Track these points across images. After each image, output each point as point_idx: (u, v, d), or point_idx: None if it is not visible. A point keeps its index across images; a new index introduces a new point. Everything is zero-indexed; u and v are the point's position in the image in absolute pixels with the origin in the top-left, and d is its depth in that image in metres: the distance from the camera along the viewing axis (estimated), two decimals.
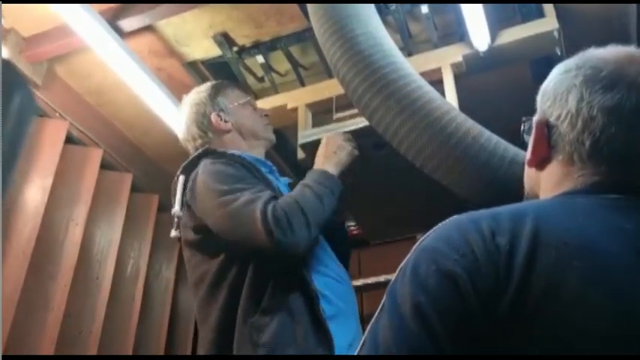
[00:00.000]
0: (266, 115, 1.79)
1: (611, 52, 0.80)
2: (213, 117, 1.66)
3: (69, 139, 2.38)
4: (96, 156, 2.46)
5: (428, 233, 0.73)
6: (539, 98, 0.86)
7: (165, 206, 2.88)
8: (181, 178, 1.55)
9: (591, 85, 0.77)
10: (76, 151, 2.40)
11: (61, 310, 2.10)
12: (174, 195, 1.55)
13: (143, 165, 2.80)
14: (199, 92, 1.73)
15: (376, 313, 0.69)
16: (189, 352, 2.78)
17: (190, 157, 1.60)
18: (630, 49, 0.80)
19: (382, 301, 0.70)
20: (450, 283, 0.64)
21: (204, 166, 1.47)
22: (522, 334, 0.61)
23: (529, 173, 0.88)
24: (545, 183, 0.82)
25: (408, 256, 0.72)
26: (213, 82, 1.81)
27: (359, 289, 2.57)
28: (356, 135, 1.78)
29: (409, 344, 0.63)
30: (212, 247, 1.40)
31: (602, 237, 0.66)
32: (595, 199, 0.73)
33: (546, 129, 0.81)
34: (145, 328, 2.58)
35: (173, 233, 1.52)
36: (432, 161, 1.50)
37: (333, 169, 1.56)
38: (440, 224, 0.73)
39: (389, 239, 2.56)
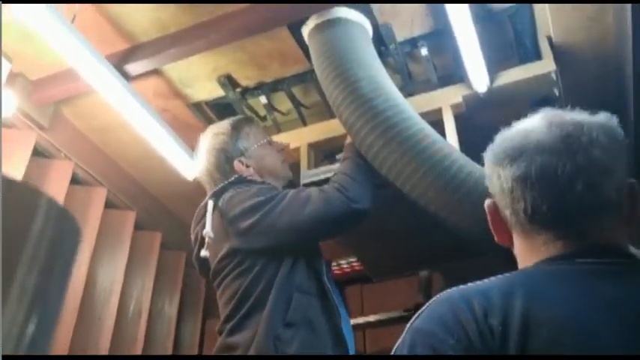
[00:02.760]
0: (282, 150, 1.84)
1: (520, 125, 0.83)
2: (236, 163, 1.70)
3: (74, 179, 2.40)
4: (100, 195, 2.47)
5: (420, 311, 0.75)
6: None
7: (167, 244, 2.89)
8: (210, 203, 1.61)
9: (500, 161, 0.81)
10: (81, 191, 2.42)
11: (64, 352, 2.09)
12: (200, 219, 1.63)
13: (146, 203, 2.81)
14: (220, 134, 1.73)
15: None
16: None
17: (222, 184, 1.66)
18: (547, 114, 0.83)
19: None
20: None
21: (247, 190, 1.58)
22: None
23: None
24: (520, 256, 0.84)
25: (402, 336, 0.73)
26: (232, 120, 1.81)
27: (361, 327, 2.56)
28: None
29: None
30: (245, 264, 1.50)
31: (588, 306, 0.68)
32: (573, 266, 0.74)
33: (497, 208, 0.84)
34: None
35: (203, 253, 1.57)
36: (434, 204, 1.52)
37: None
38: (431, 301, 0.75)
39: (391, 277, 2.56)
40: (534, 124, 0.81)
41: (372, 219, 2.13)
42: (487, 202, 0.86)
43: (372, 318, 2.53)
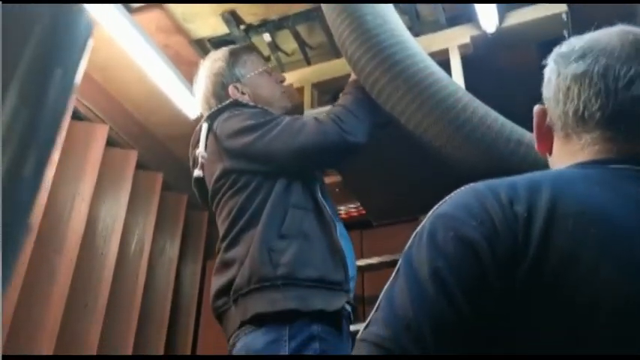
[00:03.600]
0: (282, 82, 1.85)
1: (595, 32, 0.83)
2: (231, 89, 1.72)
3: (75, 115, 2.39)
4: (102, 132, 2.47)
5: (443, 200, 0.73)
6: None
7: (169, 185, 2.90)
8: (205, 125, 1.65)
9: (566, 59, 0.80)
10: (82, 127, 2.41)
11: (66, 284, 2.12)
12: (197, 142, 1.66)
13: (148, 143, 2.81)
14: (217, 60, 1.76)
15: (391, 278, 0.69)
16: (191, 328, 2.81)
17: (218, 107, 1.68)
18: (621, 28, 0.82)
19: (397, 266, 0.69)
20: (468, 249, 0.64)
21: (241, 113, 1.60)
22: (538, 304, 0.61)
23: (547, 160, 0.89)
24: (554, 164, 0.84)
25: (423, 222, 0.71)
26: (231, 47, 1.84)
27: (361, 269, 2.59)
28: None
29: (427, 308, 0.62)
30: (239, 182, 1.54)
31: (618, 206, 0.67)
32: (606, 170, 0.73)
33: (545, 114, 0.84)
34: (149, 304, 2.61)
35: (196, 173, 1.62)
36: (438, 140, 1.51)
37: None
38: (456, 191, 0.73)
39: (392, 221, 2.57)
40: (608, 31, 0.80)
41: (375, 160, 2.13)
42: (536, 108, 0.86)
43: (374, 260, 2.55)
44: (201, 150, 1.61)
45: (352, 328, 1.52)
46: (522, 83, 1.49)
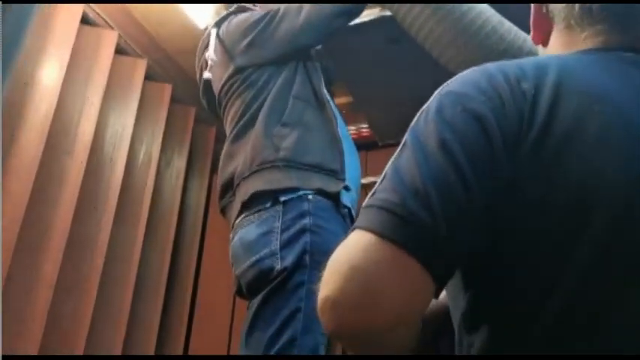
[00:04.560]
0: None
1: None
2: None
3: (84, 20, 2.36)
4: (111, 38, 2.44)
5: (449, 81, 0.72)
6: None
7: (177, 97, 2.90)
8: (213, 30, 1.70)
9: None
10: (91, 32, 2.39)
11: (76, 186, 2.16)
12: (204, 48, 1.72)
13: (157, 55, 2.78)
14: None
15: (396, 152, 0.69)
16: (198, 238, 2.89)
17: (224, 14, 1.74)
18: None
19: (403, 141, 0.69)
20: (476, 123, 0.64)
21: (246, 14, 1.67)
22: (543, 175, 0.63)
23: (540, 52, 0.89)
24: (554, 52, 0.83)
25: (430, 100, 0.71)
26: None
27: (365, 187, 2.63)
28: (369, 27, 1.78)
29: (435, 177, 0.62)
30: (248, 80, 1.60)
31: (621, 89, 0.68)
32: (610, 56, 0.74)
33: (544, 7, 0.83)
34: (157, 212, 2.67)
35: (206, 75, 1.67)
36: (449, 50, 1.49)
37: None
38: (462, 72, 0.73)
39: (398, 140, 2.58)
40: None
41: (385, 79, 2.13)
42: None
43: (376, 178, 2.57)
44: (210, 53, 1.65)
45: None
46: None
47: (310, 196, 1.44)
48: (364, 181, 2.62)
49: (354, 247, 0.60)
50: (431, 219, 0.60)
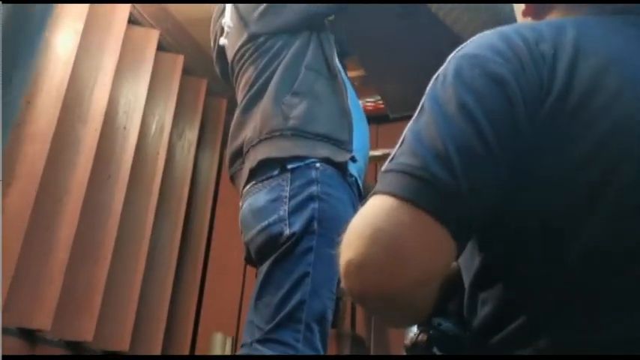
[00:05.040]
0: None
1: None
2: None
3: None
4: (124, 10, 2.45)
5: (463, 44, 0.72)
6: None
7: (189, 69, 2.91)
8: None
9: None
10: (103, 5, 2.40)
11: (91, 154, 2.19)
12: (220, 15, 1.76)
13: (169, 26, 2.79)
14: None
15: (413, 117, 0.68)
16: (209, 207, 2.93)
17: None
18: None
19: (420, 105, 0.69)
20: (496, 85, 0.64)
21: None
22: (562, 134, 0.63)
23: None
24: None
25: (445, 64, 0.71)
26: None
27: (375, 159, 2.64)
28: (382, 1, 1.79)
29: (455, 139, 0.62)
30: (261, 48, 1.61)
31: (635, 50, 0.69)
32: (620, 19, 0.74)
33: None
34: (169, 182, 2.70)
35: (222, 41, 1.68)
36: (470, 25, 1.49)
37: None
38: (477, 35, 0.72)
39: (409, 113, 2.59)
40: None
41: (396, 51, 2.13)
42: None
43: (388, 150, 2.58)
44: (227, 19, 1.66)
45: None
46: None
47: (318, 164, 1.45)
48: (375, 152, 2.64)
49: (376, 211, 0.61)
50: (453, 181, 0.60)
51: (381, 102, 2.88)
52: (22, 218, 1.91)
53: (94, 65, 2.29)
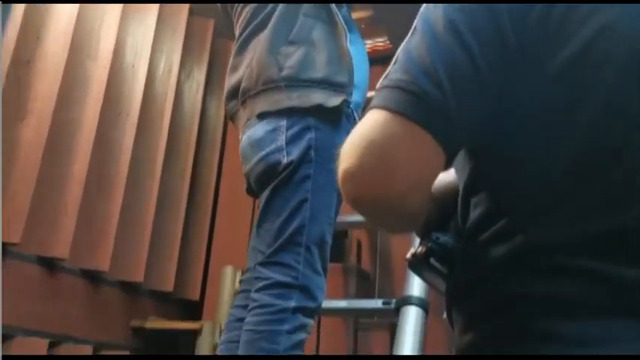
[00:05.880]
0: None
1: None
2: None
3: None
4: None
5: None
6: None
7: (196, 10, 2.91)
8: None
9: None
10: None
11: (100, 91, 2.24)
12: None
13: None
14: None
15: (407, 37, 0.71)
16: (218, 146, 2.97)
17: None
18: None
19: (413, 26, 0.71)
20: (483, 4, 0.67)
21: None
22: (550, 40, 0.65)
23: None
24: None
25: None
26: None
27: None
28: None
29: (443, 56, 0.64)
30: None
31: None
32: None
33: None
34: (178, 122, 2.76)
35: None
36: None
37: None
38: None
39: None
40: None
41: None
42: None
43: None
44: None
45: None
46: None
47: (312, 121, 1.49)
48: None
49: (370, 124, 0.65)
50: (441, 95, 0.63)
51: (388, 42, 2.89)
52: (37, 152, 1.97)
53: (100, 6, 2.31)
